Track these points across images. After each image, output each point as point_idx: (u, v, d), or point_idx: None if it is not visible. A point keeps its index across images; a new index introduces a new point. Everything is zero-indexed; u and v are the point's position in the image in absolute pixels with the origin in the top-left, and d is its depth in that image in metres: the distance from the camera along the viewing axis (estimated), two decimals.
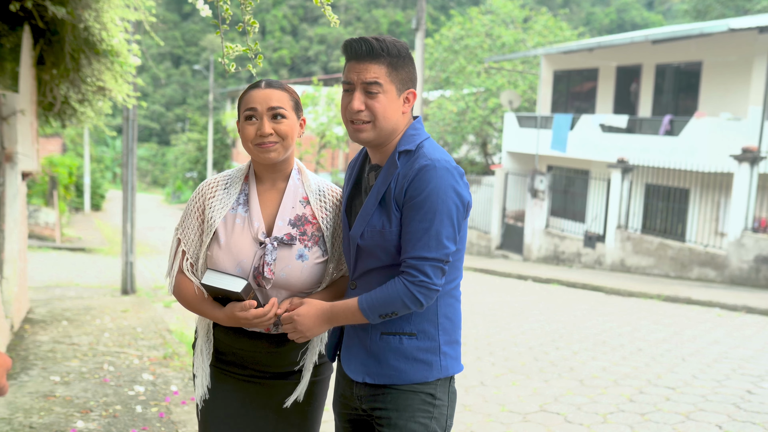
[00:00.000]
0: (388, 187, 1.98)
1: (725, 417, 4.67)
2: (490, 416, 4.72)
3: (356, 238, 2.01)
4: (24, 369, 5.15)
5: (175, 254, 2.19)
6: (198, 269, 2.16)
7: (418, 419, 2.00)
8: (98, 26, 5.47)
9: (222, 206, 2.13)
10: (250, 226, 2.10)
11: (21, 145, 6.27)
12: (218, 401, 2.18)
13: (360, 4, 61.36)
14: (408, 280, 1.92)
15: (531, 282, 13.09)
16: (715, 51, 14.85)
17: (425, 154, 1.96)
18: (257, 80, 2.19)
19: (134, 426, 4.04)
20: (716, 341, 7.26)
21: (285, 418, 2.20)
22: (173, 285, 2.19)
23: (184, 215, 2.20)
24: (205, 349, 2.20)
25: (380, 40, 1.96)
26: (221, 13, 2.72)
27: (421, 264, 1.92)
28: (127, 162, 10.51)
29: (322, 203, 2.17)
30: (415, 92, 2.02)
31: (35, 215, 18.22)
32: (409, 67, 2.01)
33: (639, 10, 58.58)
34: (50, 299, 8.70)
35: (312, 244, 2.12)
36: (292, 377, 2.19)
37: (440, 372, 2.03)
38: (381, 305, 1.94)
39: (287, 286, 2.10)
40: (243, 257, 2.07)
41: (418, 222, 1.91)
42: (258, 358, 2.15)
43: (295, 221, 2.13)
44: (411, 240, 1.92)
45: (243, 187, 2.17)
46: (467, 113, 22.10)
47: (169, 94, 60.35)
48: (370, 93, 1.96)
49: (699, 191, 14.36)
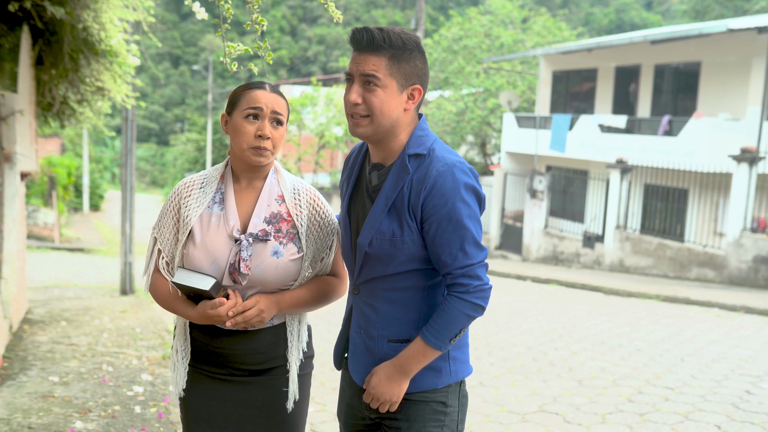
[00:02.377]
0: (400, 193, 1.89)
1: (724, 417, 4.67)
2: (489, 416, 4.72)
3: (364, 246, 1.93)
4: (23, 369, 5.14)
5: (151, 253, 2.20)
6: (173, 268, 2.17)
7: (429, 428, 1.97)
8: (97, 26, 5.47)
9: (197, 205, 2.14)
10: (225, 224, 2.11)
11: (20, 145, 6.27)
12: (199, 402, 2.18)
13: (359, 5, 61.36)
14: (461, 291, 1.87)
15: (530, 282, 13.10)
16: (714, 51, 14.86)
17: (439, 158, 1.88)
18: (257, 80, 2.18)
19: (133, 426, 4.04)
20: (715, 341, 7.27)
21: (268, 416, 2.19)
22: (149, 284, 2.20)
23: (160, 214, 2.21)
24: (181, 348, 2.21)
25: (383, 31, 1.85)
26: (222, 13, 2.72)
27: (470, 270, 1.88)
28: (126, 162, 10.51)
29: (296, 201, 2.17)
30: (420, 89, 1.90)
31: (34, 215, 18.21)
32: (415, 61, 1.89)
33: (638, 11, 58.61)
34: (49, 300, 8.69)
35: (287, 241, 2.13)
36: (271, 373, 2.18)
37: (450, 377, 1.98)
38: (447, 330, 1.87)
39: (262, 282, 2.10)
40: (218, 255, 2.09)
41: (452, 232, 1.85)
42: (235, 357, 2.14)
43: (270, 218, 2.13)
44: (451, 252, 1.86)
45: (219, 186, 2.18)
46: (466, 113, 22.10)
47: (168, 95, 60.31)
48: (368, 86, 1.87)
49: (698, 191, 14.37)
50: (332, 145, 24.59)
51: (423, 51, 1.93)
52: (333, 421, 4.54)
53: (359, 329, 2.03)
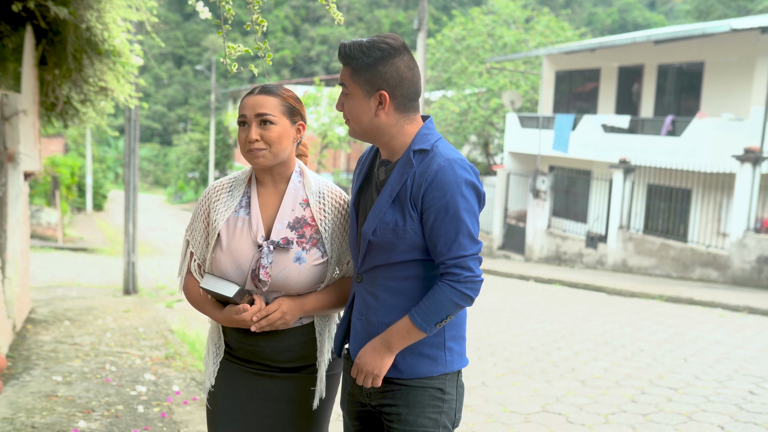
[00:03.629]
0: (403, 185, 2.00)
1: (727, 417, 4.67)
2: (492, 416, 4.72)
3: (368, 235, 2.03)
4: (26, 369, 5.15)
5: (184, 255, 2.27)
6: (204, 270, 2.22)
7: (428, 414, 2.04)
8: (100, 26, 5.48)
9: (225, 209, 2.18)
10: (249, 229, 2.15)
11: (23, 145, 6.28)
12: (229, 393, 2.22)
13: (362, 5, 61.38)
14: (453, 280, 1.95)
15: (533, 282, 13.09)
16: (717, 51, 14.83)
17: (441, 154, 1.99)
18: (257, 84, 2.21)
19: (136, 426, 4.05)
20: (718, 342, 7.26)
21: (294, 412, 2.22)
22: (182, 285, 2.28)
23: (193, 217, 2.26)
24: (213, 346, 2.28)
25: (348, 45, 2.00)
26: (223, 14, 2.73)
27: (463, 261, 1.95)
28: (129, 162, 10.52)
29: (321, 205, 2.20)
30: (386, 94, 1.99)
31: (37, 215, 18.24)
32: (378, 67, 1.98)
33: (641, 11, 58.54)
34: (52, 299, 8.71)
35: (310, 246, 2.15)
36: (301, 372, 2.22)
37: (445, 367, 2.06)
38: (434, 313, 1.96)
39: (285, 288, 2.13)
40: (242, 260, 2.12)
41: (448, 223, 1.94)
42: (267, 354, 2.18)
43: (294, 224, 2.16)
44: (446, 242, 1.95)
45: (246, 190, 2.21)
46: (469, 113, 22.09)
47: (171, 95, 60.39)
48: (343, 94, 2.05)
49: (701, 192, 14.34)
50: (335, 145, 24.60)
51: (395, 56, 1.99)
52: (336, 420, 4.54)
53: (360, 315, 2.11)
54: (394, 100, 2.01)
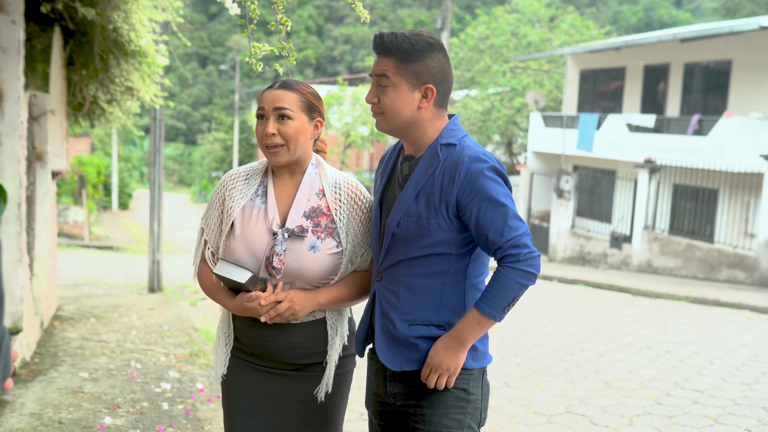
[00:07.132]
0: (429, 178, 1.99)
1: (755, 421, 4.60)
2: (515, 417, 4.70)
3: (392, 227, 2.02)
4: (53, 365, 5.23)
5: (198, 243, 2.28)
6: (218, 258, 2.22)
7: (452, 415, 2.03)
8: (127, 27, 5.54)
9: (241, 197, 2.19)
10: (265, 217, 2.15)
11: (51, 144, 6.37)
12: (241, 391, 2.22)
13: (385, 4, 61.36)
14: (512, 261, 1.94)
15: (556, 282, 13.00)
16: (745, 49, 14.61)
17: (470, 146, 2.00)
18: (280, 80, 2.21)
19: (161, 423, 4.08)
20: (745, 344, 7.16)
21: (307, 410, 2.21)
22: (197, 273, 2.28)
23: (208, 206, 2.27)
24: (223, 335, 2.27)
25: (393, 34, 1.96)
26: (248, 13, 2.74)
27: (518, 239, 1.94)
28: (154, 161, 10.62)
29: (337, 195, 2.20)
30: (433, 87, 1.99)
31: (64, 214, 18.48)
32: (425, 61, 1.98)
33: (667, 9, 57.87)
34: (79, 297, 8.82)
35: (325, 235, 2.15)
36: (313, 369, 2.21)
37: (469, 364, 2.05)
38: (501, 299, 1.94)
39: (300, 276, 2.12)
40: (257, 247, 2.12)
41: (494, 210, 1.94)
42: (278, 351, 2.17)
43: (310, 213, 2.16)
44: (497, 229, 1.94)
45: (263, 180, 2.23)
46: (492, 113, 22.00)
47: (195, 94, 60.83)
48: (381, 86, 2.00)
49: (728, 191, 14.15)
50: (358, 145, 24.61)
51: (439, 51, 2.01)
52: (358, 420, 4.55)
53: (382, 315, 2.09)
54: (436, 95, 2.01)
